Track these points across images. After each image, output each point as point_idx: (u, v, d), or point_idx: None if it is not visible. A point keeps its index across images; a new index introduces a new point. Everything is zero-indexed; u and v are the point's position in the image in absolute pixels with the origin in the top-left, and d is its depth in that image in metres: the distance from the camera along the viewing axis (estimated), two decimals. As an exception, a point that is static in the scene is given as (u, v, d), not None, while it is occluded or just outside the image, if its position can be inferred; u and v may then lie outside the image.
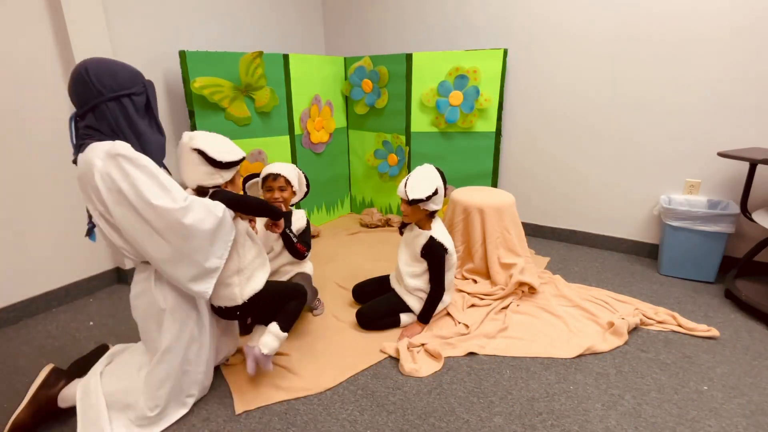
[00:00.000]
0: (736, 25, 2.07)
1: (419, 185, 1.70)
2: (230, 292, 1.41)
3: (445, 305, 1.93)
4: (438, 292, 1.81)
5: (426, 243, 1.76)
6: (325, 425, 1.37)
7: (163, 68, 2.39)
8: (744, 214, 2.07)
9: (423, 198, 1.68)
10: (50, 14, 1.92)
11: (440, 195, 1.74)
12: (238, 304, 1.43)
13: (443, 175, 1.80)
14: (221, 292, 1.40)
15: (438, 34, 2.95)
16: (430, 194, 1.68)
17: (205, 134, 1.39)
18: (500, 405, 1.44)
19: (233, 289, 1.41)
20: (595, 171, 2.61)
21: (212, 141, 1.36)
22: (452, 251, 1.81)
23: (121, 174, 1.14)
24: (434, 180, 1.73)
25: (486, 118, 2.75)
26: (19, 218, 1.95)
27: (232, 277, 1.41)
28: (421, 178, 1.73)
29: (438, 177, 1.76)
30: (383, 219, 3.16)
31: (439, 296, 1.82)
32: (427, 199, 1.68)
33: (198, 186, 1.38)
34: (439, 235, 1.77)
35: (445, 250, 1.77)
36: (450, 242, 1.81)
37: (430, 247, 1.76)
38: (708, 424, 1.35)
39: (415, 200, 1.68)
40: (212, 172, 1.36)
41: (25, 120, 1.91)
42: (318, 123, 2.90)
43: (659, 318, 1.88)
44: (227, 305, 1.43)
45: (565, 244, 2.81)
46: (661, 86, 2.30)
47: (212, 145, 1.35)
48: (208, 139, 1.36)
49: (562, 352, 1.69)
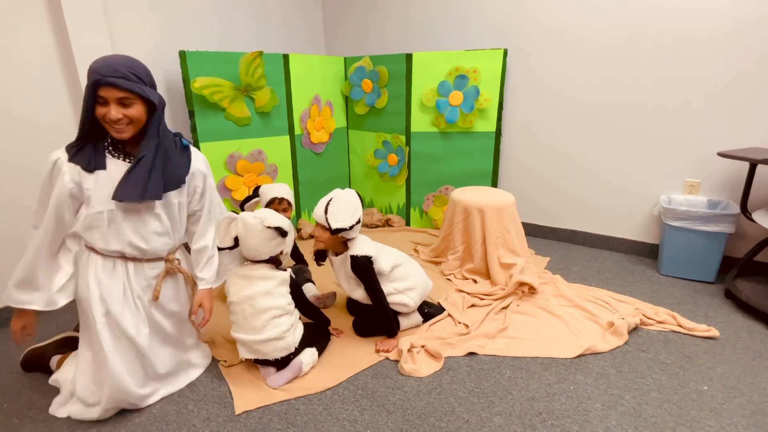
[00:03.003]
0: (736, 25, 2.07)
1: (342, 214, 1.61)
2: (285, 344, 1.56)
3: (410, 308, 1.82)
4: (378, 302, 1.71)
5: (351, 263, 1.69)
6: (325, 425, 1.37)
7: (163, 68, 2.39)
8: (744, 214, 2.07)
9: (346, 228, 1.60)
10: (50, 14, 1.92)
11: (360, 224, 1.67)
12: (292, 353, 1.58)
13: (363, 201, 1.73)
14: (278, 345, 1.54)
15: (438, 34, 2.95)
16: (353, 224, 1.62)
17: (266, 212, 1.57)
18: (500, 405, 1.44)
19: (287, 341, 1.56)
20: (596, 171, 2.61)
21: (278, 217, 1.57)
22: (377, 255, 1.71)
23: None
24: (357, 209, 1.66)
25: (486, 118, 2.75)
26: (20, 218, 1.95)
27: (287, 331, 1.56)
28: (344, 206, 1.63)
29: (359, 205, 1.68)
30: (383, 219, 3.16)
31: (383, 305, 1.72)
32: (350, 228, 1.62)
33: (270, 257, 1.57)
34: (358, 250, 1.68)
35: (369, 259, 1.68)
36: (371, 248, 1.72)
37: (356, 265, 1.68)
38: (708, 424, 1.35)
39: (337, 230, 1.60)
40: (281, 241, 1.57)
41: (24, 120, 1.91)
42: (318, 123, 2.90)
43: (659, 318, 1.88)
44: (283, 356, 1.56)
45: (565, 244, 2.81)
46: (662, 86, 2.30)
47: (280, 221, 1.55)
48: (275, 217, 1.56)
49: (562, 352, 1.69)
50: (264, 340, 1.52)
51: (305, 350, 1.62)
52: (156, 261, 1.43)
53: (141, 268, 1.40)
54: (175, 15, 2.43)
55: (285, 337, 1.55)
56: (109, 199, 1.28)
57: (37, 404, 1.48)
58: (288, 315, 1.58)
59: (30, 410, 1.46)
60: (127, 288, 1.39)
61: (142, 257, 1.39)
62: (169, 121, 2.48)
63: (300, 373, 1.58)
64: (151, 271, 1.42)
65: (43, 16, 1.91)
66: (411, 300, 1.80)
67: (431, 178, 2.97)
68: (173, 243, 1.46)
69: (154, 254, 1.41)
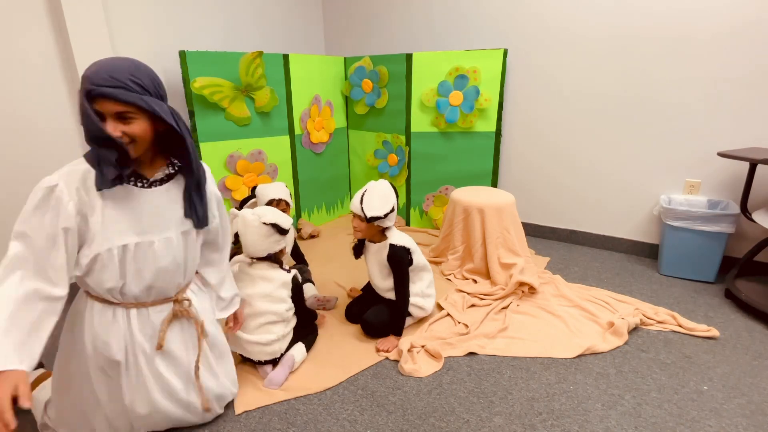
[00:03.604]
0: (737, 24, 2.07)
1: (376, 203, 1.67)
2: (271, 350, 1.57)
3: (427, 312, 1.88)
4: (403, 297, 1.76)
5: (389, 252, 1.73)
6: (325, 425, 1.37)
7: (163, 68, 2.39)
8: (744, 214, 2.07)
9: (381, 216, 1.65)
10: (50, 14, 1.92)
11: (395, 212, 1.72)
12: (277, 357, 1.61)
13: (396, 191, 1.78)
14: (266, 350, 1.56)
15: (438, 34, 2.95)
16: (387, 212, 1.66)
17: (266, 209, 1.57)
18: (500, 405, 1.44)
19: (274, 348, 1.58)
20: (596, 170, 2.61)
21: (277, 214, 1.57)
22: (415, 248, 1.79)
23: None
24: (390, 197, 1.70)
25: (486, 118, 2.75)
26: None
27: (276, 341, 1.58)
28: (377, 195, 1.69)
29: (393, 194, 1.73)
30: (383, 219, 3.16)
31: (405, 304, 1.77)
32: (384, 216, 1.66)
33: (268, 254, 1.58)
34: (397, 240, 1.75)
35: (407, 250, 1.75)
36: (410, 241, 1.79)
37: (393, 254, 1.73)
38: (708, 424, 1.35)
39: (373, 218, 1.65)
40: (279, 239, 1.57)
41: (24, 121, 1.91)
42: (318, 123, 2.90)
43: (659, 318, 1.88)
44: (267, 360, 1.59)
45: (565, 244, 2.81)
46: (661, 86, 2.30)
47: (279, 217, 1.55)
48: (274, 214, 1.56)
49: (562, 352, 1.69)
50: (252, 342, 1.54)
51: (295, 345, 1.64)
52: (162, 303, 1.23)
53: (145, 315, 1.20)
54: (175, 15, 2.43)
55: (272, 345, 1.57)
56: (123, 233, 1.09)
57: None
58: (283, 323, 1.59)
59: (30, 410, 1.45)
60: (129, 341, 1.19)
61: (146, 300, 1.19)
62: (169, 121, 2.48)
63: (292, 368, 1.60)
64: (157, 316, 1.22)
65: (43, 16, 1.91)
66: (430, 306, 1.88)
67: (431, 178, 2.97)
68: (185, 279, 1.27)
69: (160, 294, 1.21)
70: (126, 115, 1.01)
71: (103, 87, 0.96)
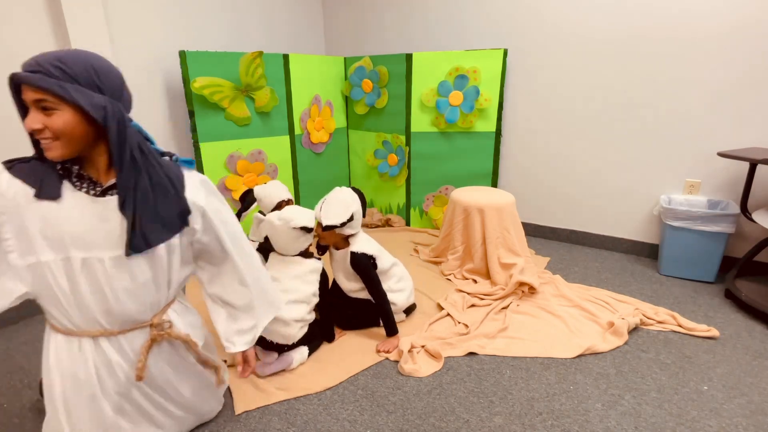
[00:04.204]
0: (736, 25, 2.07)
1: (334, 210, 1.66)
2: (287, 332, 1.57)
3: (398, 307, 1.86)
4: (381, 300, 1.74)
5: (351, 260, 1.74)
6: (325, 425, 1.37)
7: (163, 68, 2.39)
8: (744, 214, 2.07)
9: (337, 224, 1.64)
10: (50, 14, 1.92)
11: (357, 219, 1.71)
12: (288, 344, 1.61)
13: (363, 197, 1.77)
14: (282, 330, 1.56)
15: (438, 34, 2.95)
16: (344, 221, 1.65)
17: (290, 212, 1.61)
18: (500, 405, 1.44)
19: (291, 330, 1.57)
20: (595, 171, 2.61)
21: (301, 215, 1.61)
22: (379, 254, 1.78)
23: None
24: (350, 205, 1.69)
25: (486, 118, 2.75)
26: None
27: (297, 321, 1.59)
28: (335, 203, 1.68)
29: (355, 201, 1.71)
30: (383, 219, 3.16)
31: (385, 302, 1.75)
32: (341, 225, 1.66)
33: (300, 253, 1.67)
34: (358, 248, 1.74)
35: (369, 257, 1.74)
36: (373, 247, 1.78)
37: (355, 263, 1.73)
38: (708, 424, 1.35)
39: (328, 226, 1.65)
40: (308, 237, 1.65)
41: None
42: (318, 123, 2.90)
43: (659, 318, 1.88)
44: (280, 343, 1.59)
45: (565, 244, 2.81)
46: (661, 86, 2.30)
47: (304, 219, 1.61)
48: (299, 216, 1.60)
49: (562, 352, 1.69)
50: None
51: (299, 347, 1.64)
52: (134, 330, 1.06)
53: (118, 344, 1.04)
54: (176, 15, 2.43)
55: (290, 325, 1.57)
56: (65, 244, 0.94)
57: (38, 404, 1.47)
58: (305, 305, 1.63)
59: (30, 410, 1.46)
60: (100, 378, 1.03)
61: (112, 329, 1.03)
62: (170, 121, 2.48)
63: (288, 368, 1.61)
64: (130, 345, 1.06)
65: (43, 16, 1.91)
66: (400, 299, 1.87)
67: (431, 178, 2.97)
68: (160, 300, 1.09)
69: (130, 321, 1.04)
70: (45, 105, 0.88)
71: (23, 72, 0.86)
